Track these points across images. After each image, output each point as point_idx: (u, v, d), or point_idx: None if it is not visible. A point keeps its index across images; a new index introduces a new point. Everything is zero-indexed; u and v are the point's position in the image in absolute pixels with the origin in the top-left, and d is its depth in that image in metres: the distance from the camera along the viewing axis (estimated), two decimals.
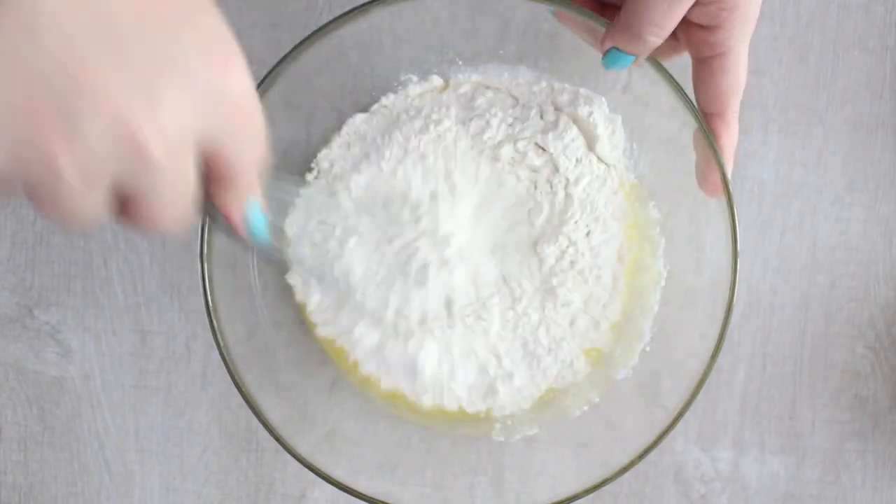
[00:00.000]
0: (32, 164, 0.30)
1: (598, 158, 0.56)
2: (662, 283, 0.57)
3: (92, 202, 0.31)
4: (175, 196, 0.33)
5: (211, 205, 0.36)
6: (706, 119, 0.49)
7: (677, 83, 0.49)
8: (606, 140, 0.55)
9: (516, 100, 0.56)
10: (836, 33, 0.60)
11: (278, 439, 0.52)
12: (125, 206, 0.33)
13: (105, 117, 0.29)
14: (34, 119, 0.29)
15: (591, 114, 0.55)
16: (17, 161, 0.29)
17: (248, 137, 0.34)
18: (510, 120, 0.56)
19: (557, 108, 0.56)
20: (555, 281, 0.56)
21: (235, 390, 0.52)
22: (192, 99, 0.31)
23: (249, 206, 0.38)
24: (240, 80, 0.33)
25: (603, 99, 0.55)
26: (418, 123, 0.56)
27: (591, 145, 0.56)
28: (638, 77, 0.53)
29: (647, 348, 0.57)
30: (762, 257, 0.61)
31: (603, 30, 0.47)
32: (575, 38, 0.51)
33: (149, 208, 0.33)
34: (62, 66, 0.29)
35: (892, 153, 0.60)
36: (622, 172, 0.57)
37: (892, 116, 0.60)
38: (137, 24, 0.30)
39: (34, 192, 0.31)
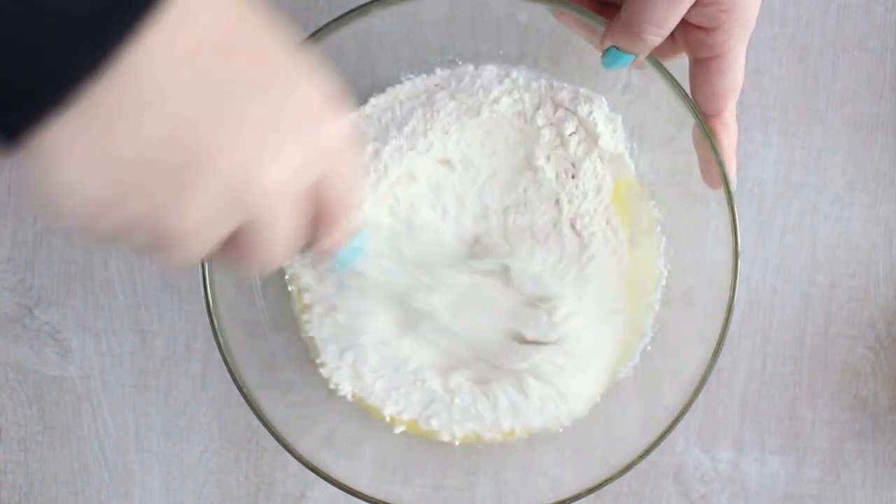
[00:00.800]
0: (151, 222, 0.31)
1: (599, 156, 0.56)
2: (663, 281, 0.57)
3: (202, 249, 0.33)
4: (280, 245, 0.35)
5: (307, 244, 0.39)
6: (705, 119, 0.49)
7: (677, 83, 0.49)
8: (608, 138, 0.55)
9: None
10: (836, 33, 0.60)
11: (278, 439, 0.52)
12: (230, 245, 0.35)
13: (218, 179, 0.31)
14: (153, 181, 0.30)
15: (590, 113, 0.55)
16: (136, 219, 0.31)
17: (349, 184, 0.37)
18: (504, 81, 0.56)
19: (557, 105, 0.56)
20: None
21: (235, 390, 0.52)
22: (298, 156, 0.33)
23: (348, 245, 0.42)
24: (341, 135, 0.35)
25: (603, 98, 0.55)
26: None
27: (591, 144, 0.56)
28: (638, 76, 0.53)
29: (648, 348, 0.57)
30: (762, 257, 0.61)
31: (602, 29, 0.47)
32: (575, 39, 0.51)
33: (253, 255, 0.35)
34: (178, 130, 0.30)
35: (892, 153, 0.60)
36: (624, 169, 0.57)
37: (892, 116, 0.60)
38: (248, 90, 0.31)
39: (149, 243, 0.33)
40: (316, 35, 0.50)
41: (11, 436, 0.63)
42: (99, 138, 0.29)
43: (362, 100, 0.57)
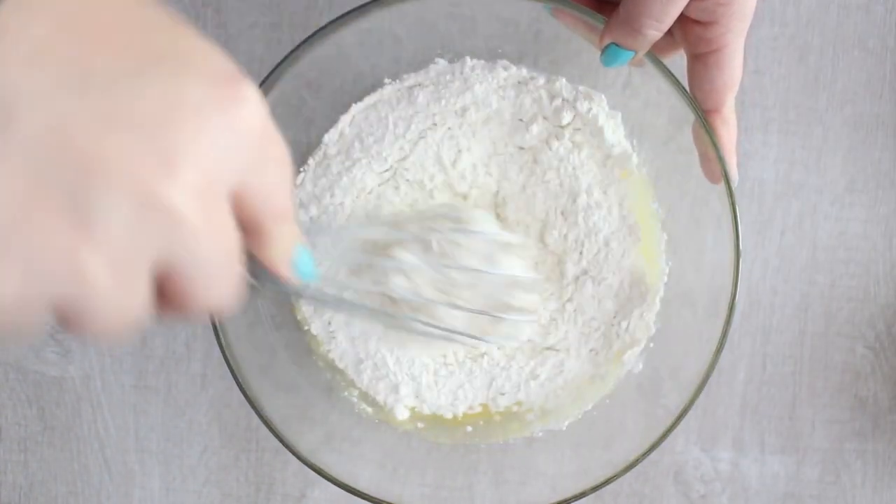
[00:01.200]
0: (55, 276, 0.25)
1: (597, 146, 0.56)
2: (665, 279, 0.57)
3: (132, 300, 0.26)
4: (222, 260, 0.28)
5: (252, 263, 0.32)
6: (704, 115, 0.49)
7: (677, 79, 0.49)
8: (608, 135, 0.55)
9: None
10: (836, 33, 0.60)
11: (279, 438, 0.52)
12: (167, 294, 0.28)
13: (122, 192, 0.25)
14: (41, 219, 0.24)
15: (590, 110, 0.55)
16: (35, 280, 0.25)
17: (276, 171, 0.30)
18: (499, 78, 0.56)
19: (553, 95, 0.56)
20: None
21: (235, 390, 0.52)
22: (210, 144, 0.27)
23: (295, 249, 0.33)
24: (255, 108, 0.28)
25: (602, 96, 0.55)
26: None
27: (588, 136, 0.56)
28: (637, 74, 0.53)
29: (650, 345, 0.57)
30: (762, 257, 0.61)
31: (601, 27, 0.47)
32: (574, 38, 0.52)
33: (196, 284, 0.28)
34: (56, 145, 0.24)
35: (892, 153, 0.60)
36: (625, 161, 0.57)
37: (892, 116, 0.60)
38: (130, 76, 0.26)
39: (64, 310, 0.26)
40: (316, 35, 0.50)
41: (11, 436, 0.63)
42: None
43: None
